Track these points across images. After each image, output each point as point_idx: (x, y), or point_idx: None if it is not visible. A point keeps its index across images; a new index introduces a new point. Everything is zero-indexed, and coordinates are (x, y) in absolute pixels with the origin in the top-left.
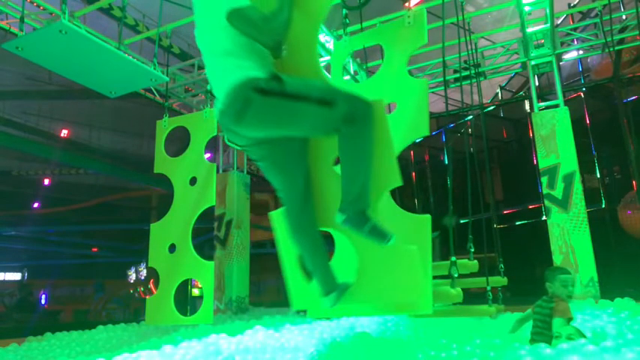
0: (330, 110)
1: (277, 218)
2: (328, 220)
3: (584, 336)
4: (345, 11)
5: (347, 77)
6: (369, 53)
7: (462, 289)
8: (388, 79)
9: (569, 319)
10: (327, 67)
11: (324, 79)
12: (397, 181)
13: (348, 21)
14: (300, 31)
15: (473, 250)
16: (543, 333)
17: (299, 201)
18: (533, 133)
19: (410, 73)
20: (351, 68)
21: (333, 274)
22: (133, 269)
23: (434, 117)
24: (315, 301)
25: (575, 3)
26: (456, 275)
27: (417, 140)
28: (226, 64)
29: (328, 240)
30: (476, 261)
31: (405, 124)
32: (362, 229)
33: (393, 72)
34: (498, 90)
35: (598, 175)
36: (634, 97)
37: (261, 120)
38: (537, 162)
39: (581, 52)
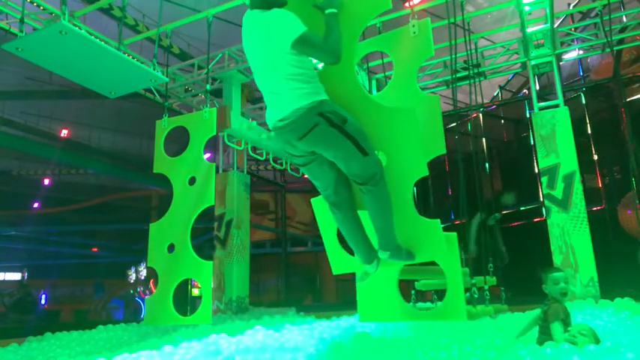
0: (363, 159)
1: (317, 203)
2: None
3: (597, 338)
4: None
5: None
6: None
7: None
8: (399, 94)
9: (563, 319)
10: None
11: (362, 91)
12: (424, 172)
13: None
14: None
15: (465, 256)
16: (540, 337)
17: (333, 196)
18: (533, 133)
19: None
20: None
21: (372, 245)
22: (133, 269)
23: None
24: (351, 267)
25: (575, 3)
26: (476, 296)
27: None
28: (292, 87)
29: None
30: (467, 268)
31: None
32: (402, 258)
33: (404, 86)
34: (498, 90)
35: (598, 176)
36: (634, 97)
37: (316, 140)
38: (537, 162)
39: (581, 52)
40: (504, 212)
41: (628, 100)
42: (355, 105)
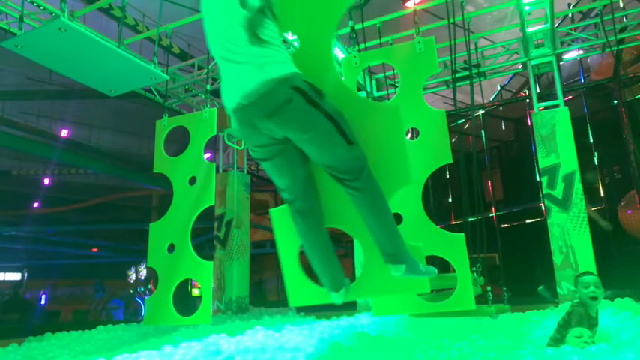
0: (348, 148)
1: (277, 215)
2: (334, 217)
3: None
4: (351, 23)
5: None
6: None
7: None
8: (406, 106)
9: (586, 326)
10: None
11: (340, 81)
12: (407, 181)
13: (355, 35)
14: (317, 26)
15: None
16: (554, 336)
17: (300, 200)
18: (533, 133)
19: None
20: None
21: (341, 269)
22: (133, 269)
23: None
24: (314, 298)
25: (575, 3)
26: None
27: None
28: (258, 54)
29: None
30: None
31: (427, 151)
32: (419, 272)
33: (410, 99)
34: (498, 89)
35: (598, 176)
36: (634, 97)
37: (289, 119)
38: (537, 162)
39: (581, 52)
40: (505, 212)
41: (628, 100)
42: (333, 96)
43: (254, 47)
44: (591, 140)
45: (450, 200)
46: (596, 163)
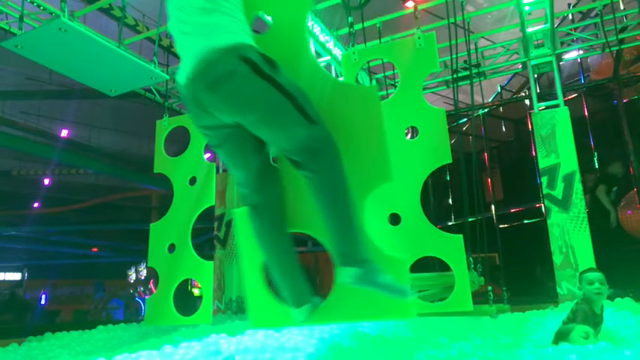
0: (308, 126)
1: (241, 217)
2: (302, 221)
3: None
4: (350, 19)
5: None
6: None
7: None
8: (405, 104)
9: (591, 323)
10: (327, 68)
11: (313, 61)
12: (387, 177)
13: (354, 31)
14: (291, 5)
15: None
16: (557, 334)
17: (255, 194)
18: (532, 133)
19: None
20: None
21: (306, 283)
22: (133, 269)
23: None
24: (278, 319)
25: (575, 3)
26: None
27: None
28: (204, 22)
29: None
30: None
31: (427, 151)
32: (376, 283)
33: (410, 97)
34: (498, 89)
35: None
36: (634, 97)
37: (235, 99)
38: (537, 162)
39: (581, 52)
40: (504, 212)
41: (628, 100)
42: (307, 78)
43: (203, 15)
44: (591, 140)
45: (450, 200)
46: (596, 163)
